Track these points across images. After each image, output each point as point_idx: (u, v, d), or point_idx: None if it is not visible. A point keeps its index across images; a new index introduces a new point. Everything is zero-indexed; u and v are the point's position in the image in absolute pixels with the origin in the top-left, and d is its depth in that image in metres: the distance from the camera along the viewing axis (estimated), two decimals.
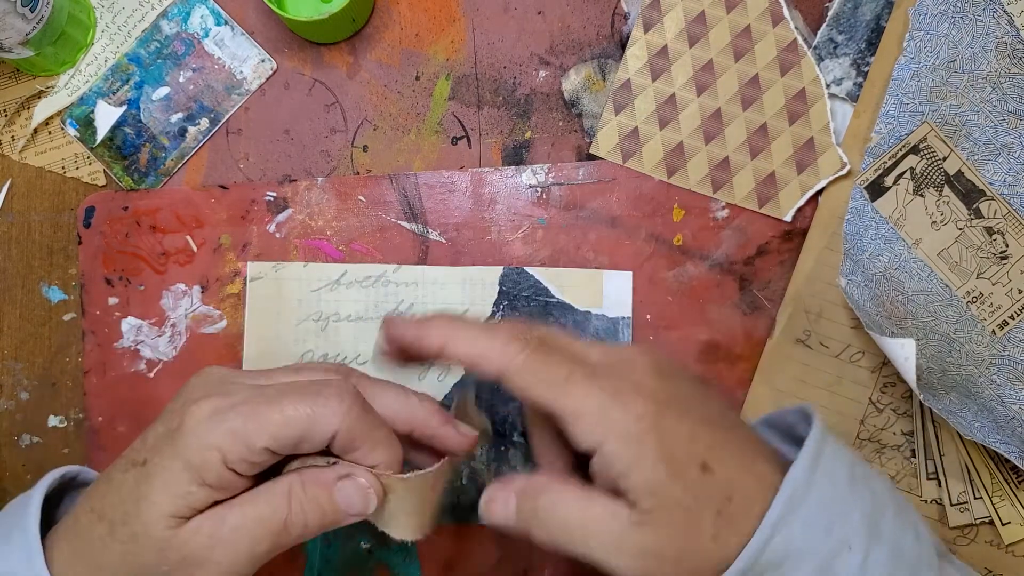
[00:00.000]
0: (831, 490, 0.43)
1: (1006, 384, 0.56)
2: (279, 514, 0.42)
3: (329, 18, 0.57)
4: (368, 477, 0.44)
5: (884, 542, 0.42)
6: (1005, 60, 0.56)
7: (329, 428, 0.42)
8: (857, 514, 0.42)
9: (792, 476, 0.42)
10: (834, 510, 0.42)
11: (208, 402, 0.42)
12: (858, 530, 0.42)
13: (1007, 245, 0.57)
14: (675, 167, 0.60)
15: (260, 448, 0.41)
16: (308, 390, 0.43)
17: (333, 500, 0.43)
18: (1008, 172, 0.56)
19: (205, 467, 0.41)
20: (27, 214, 0.63)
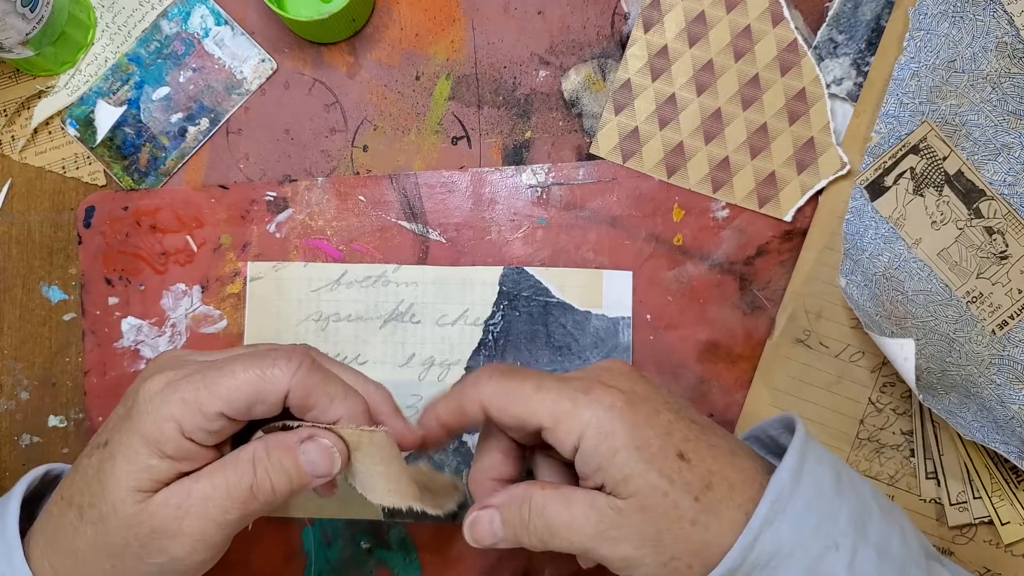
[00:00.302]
0: (817, 491, 0.43)
1: (1006, 384, 0.56)
2: (245, 480, 0.42)
3: (329, 18, 0.57)
4: (330, 437, 0.44)
5: (871, 542, 0.43)
6: (1005, 60, 0.56)
7: (280, 386, 0.43)
8: (844, 515, 0.43)
9: (779, 475, 0.43)
10: (821, 510, 0.42)
11: (161, 376, 0.43)
12: (845, 530, 0.42)
13: (1007, 245, 0.57)
14: (675, 167, 0.60)
15: (214, 413, 0.42)
16: (257, 354, 0.44)
17: (298, 463, 0.44)
18: (1008, 172, 0.56)
19: (163, 438, 0.42)
20: (27, 214, 0.63)
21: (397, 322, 0.60)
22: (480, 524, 0.46)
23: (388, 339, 0.60)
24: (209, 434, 0.43)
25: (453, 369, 0.60)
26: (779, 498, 0.42)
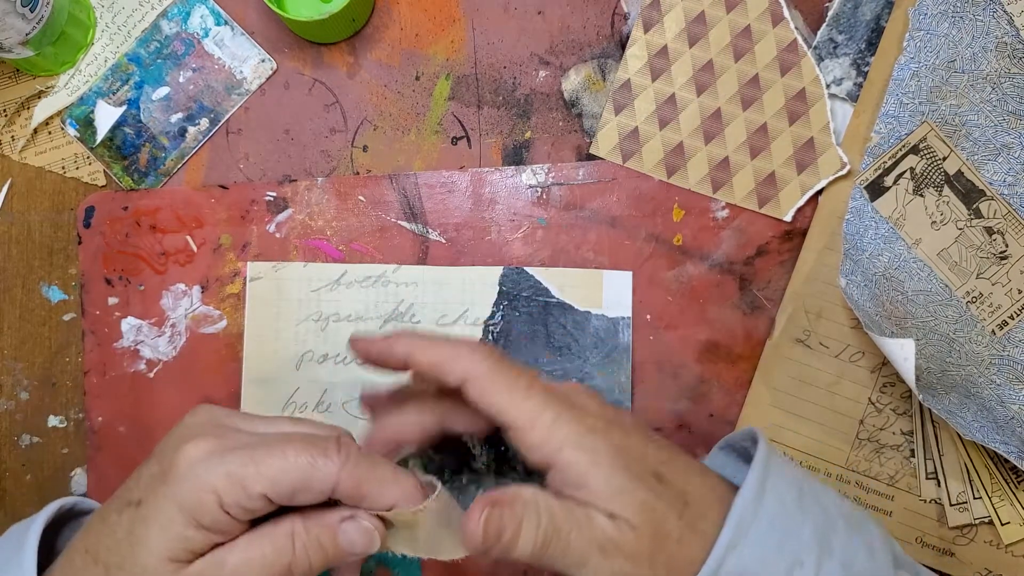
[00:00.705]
0: (780, 508, 0.43)
1: (1006, 384, 0.56)
2: (283, 557, 0.41)
3: (329, 18, 0.57)
4: (370, 518, 0.43)
5: (835, 557, 0.43)
6: (1005, 60, 0.56)
7: (328, 480, 0.41)
8: (808, 530, 0.43)
9: (741, 499, 0.42)
10: (784, 528, 0.42)
11: (204, 442, 0.42)
12: (809, 546, 0.42)
13: (1007, 245, 0.57)
14: (675, 167, 0.60)
15: (257, 494, 0.40)
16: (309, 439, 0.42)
17: (337, 542, 0.43)
18: (1008, 172, 0.56)
19: (201, 509, 0.40)
20: (27, 214, 0.63)
21: (397, 322, 0.60)
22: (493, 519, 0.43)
23: None
24: (246, 511, 0.41)
25: None
26: (741, 521, 0.42)
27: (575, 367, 0.59)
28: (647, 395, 0.60)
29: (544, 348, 0.60)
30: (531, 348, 0.60)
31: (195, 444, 0.41)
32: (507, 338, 0.60)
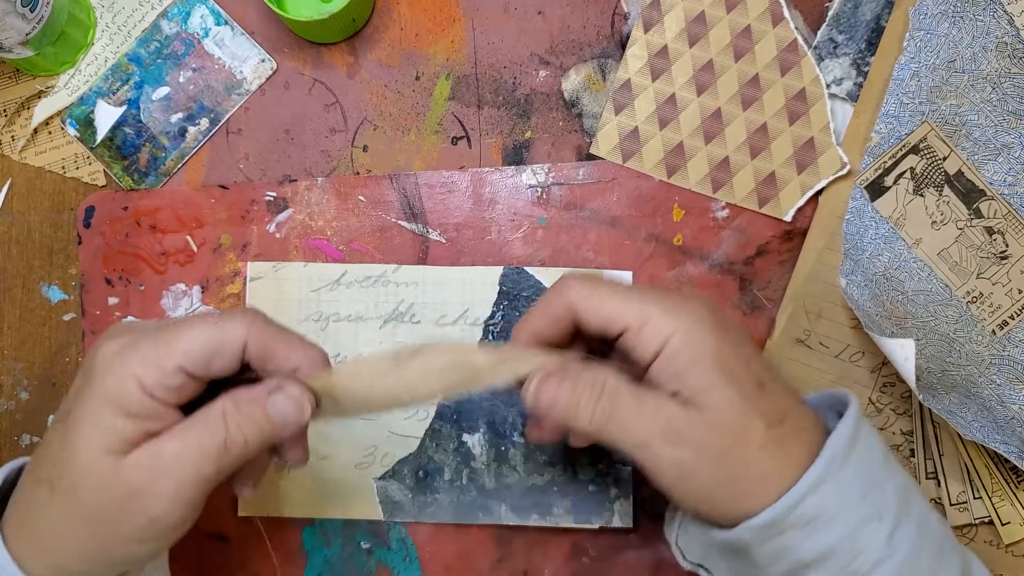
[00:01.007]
0: (869, 460, 0.44)
1: (1006, 384, 0.56)
2: (217, 436, 0.42)
3: (329, 18, 0.57)
4: (298, 386, 0.44)
5: (912, 519, 0.43)
6: (1005, 60, 0.56)
7: (237, 337, 0.43)
8: (891, 488, 0.43)
9: (836, 438, 0.43)
10: (870, 479, 0.43)
11: (115, 341, 0.43)
12: (890, 503, 0.43)
13: (1007, 245, 0.57)
14: (675, 167, 0.60)
15: (173, 368, 0.42)
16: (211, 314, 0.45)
17: (268, 415, 0.43)
18: (1008, 172, 0.56)
19: (125, 396, 0.41)
20: (27, 214, 0.63)
21: (397, 322, 0.60)
22: (548, 386, 0.44)
23: (388, 339, 0.60)
24: (170, 390, 0.42)
25: None
26: (832, 462, 0.42)
27: None
28: None
29: None
30: None
31: (109, 343, 0.43)
32: (507, 338, 0.60)
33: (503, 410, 0.60)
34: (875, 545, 0.42)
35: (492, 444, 0.60)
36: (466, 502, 0.60)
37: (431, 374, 0.46)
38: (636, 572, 0.60)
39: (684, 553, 0.49)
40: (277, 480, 0.60)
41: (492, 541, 0.60)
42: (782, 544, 0.42)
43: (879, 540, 0.42)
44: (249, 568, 0.61)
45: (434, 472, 0.60)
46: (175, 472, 0.42)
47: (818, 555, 0.42)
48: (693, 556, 0.49)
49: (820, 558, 0.42)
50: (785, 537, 0.42)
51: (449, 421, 0.60)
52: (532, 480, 0.59)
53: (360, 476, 0.60)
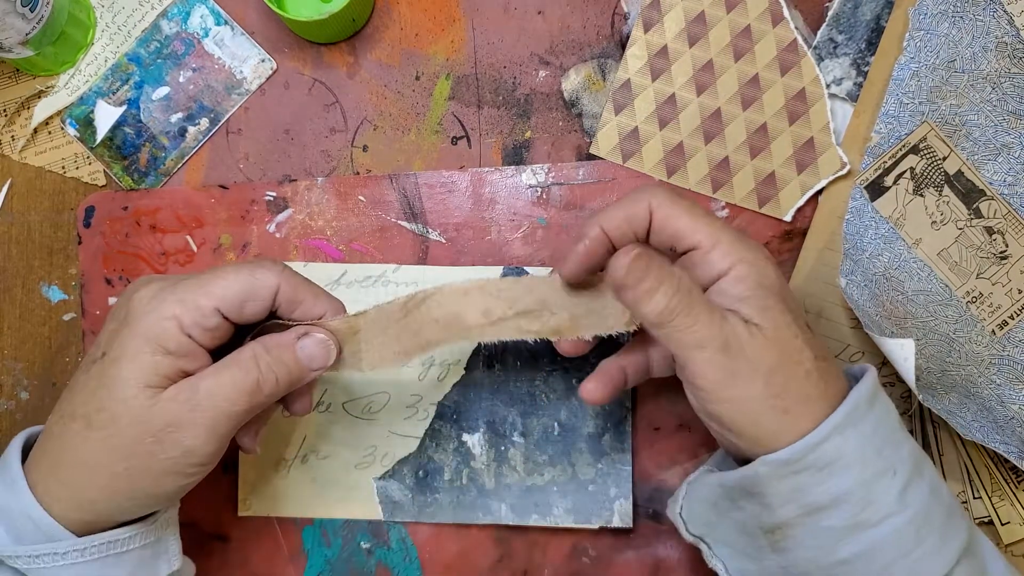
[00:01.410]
0: (887, 419, 0.45)
1: (1006, 384, 0.56)
2: (251, 376, 0.46)
3: (329, 18, 0.57)
4: (324, 331, 0.49)
5: (925, 480, 0.44)
6: (1005, 60, 0.56)
7: (270, 283, 0.47)
8: (907, 447, 0.45)
9: (859, 390, 0.44)
10: (887, 437, 0.44)
11: (152, 286, 0.47)
12: (905, 461, 0.44)
13: (1007, 245, 0.57)
14: (675, 167, 0.60)
15: (211, 309, 0.46)
16: (243, 262, 0.49)
17: (296, 358, 0.48)
18: (1008, 172, 0.56)
19: (164, 335, 0.45)
20: (27, 214, 0.63)
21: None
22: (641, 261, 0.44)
23: None
24: (205, 331, 0.46)
25: (453, 369, 0.60)
26: (855, 410, 0.44)
27: (575, 367, 0.60)
28: (647, 395, 0.60)
29: (544, 347, 0.60)
30: (531, 348, 0.60)
31: (144, 289, 0.47)
32: None
33: (503, 410, 0.60)
34: (887, 498, 0.43)
35: (492, 444, 0.60)
36: (466, 502, 0.60)
37: (427, 325, 0.51)
38: (636, 572, 0.60)
39: (687, 525, 0.50)
40: (277, 480, 0.60)
41: (492, 541, 0.60)
42: (798, 483, 0.43)
43: (891, 494, 0.43)
44: (249, 568, 0.61)
45: (434, 472, 0.60)
46: (211, 406, 0.45)
47: (831, 499, 0.43)
48: (695, 528, 0.50)
49: (832, 503, 0.43)
50: (802, 477, 0.43)
51: (449, 421, 0.60)
52: (532, 480, 0.59)
53: (360, 476, 0.60)
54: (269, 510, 0.60)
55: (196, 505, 0.60)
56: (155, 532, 0.49)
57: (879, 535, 0.43)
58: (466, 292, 0.51)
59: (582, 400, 0.52)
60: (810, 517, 0.44)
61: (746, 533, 0.47)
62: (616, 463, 0.59)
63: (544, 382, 0.60)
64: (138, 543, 0.48)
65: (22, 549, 0.45)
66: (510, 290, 0.51)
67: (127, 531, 0.47)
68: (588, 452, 0.59)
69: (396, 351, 0.51)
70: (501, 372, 0.60)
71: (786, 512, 0.44)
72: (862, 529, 0.43)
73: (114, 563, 0.47)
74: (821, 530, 0.43)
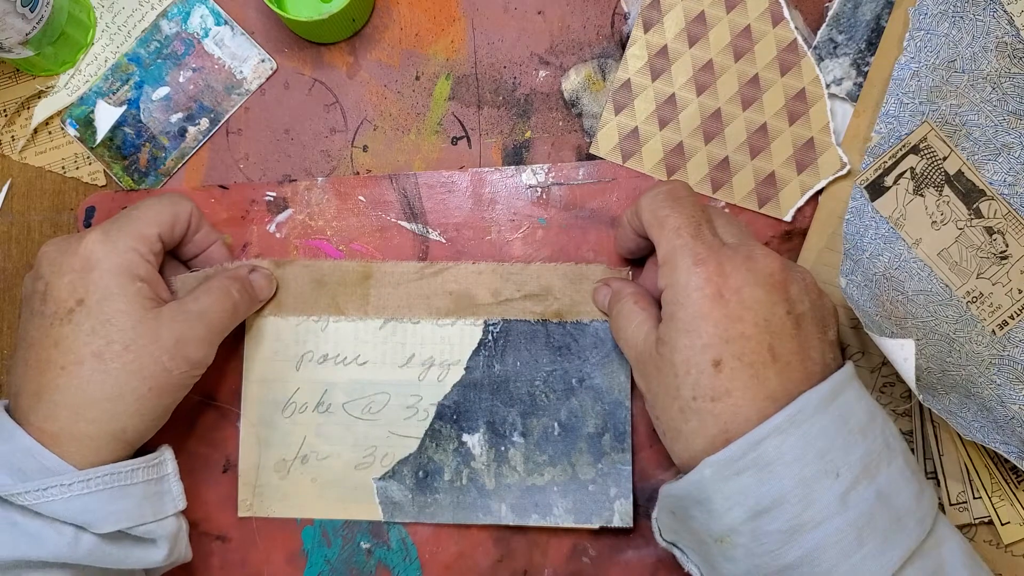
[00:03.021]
0: (840, 423, 0.45)
1: (1006, 384, 0.56)
2: (229, 299, 0.55)
3: (329, 18, 0.57)
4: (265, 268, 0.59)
5: (876, 483, 0.45)
6: (1005, 60, 0.56)
7: (188, 209, 0.55)
8: (859, 452, 0.45)
9: (808, 397, 0.45)
10: (835, 440, 0.45)
11: (94, 233, 0.51)
12: (853, 464, 0.45)
13: (1007, 245, 0.57)
14: (675, 167, 0.60)
15: (154, 236, 0.52)
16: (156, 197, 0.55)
17: (252, 287, 0.57)
18: (1008, 172, 0.56)
19: (134, 265, 0.51)
20: (27, 214, 0.63)
21: (397, 322, 0.60)
22: (597, 294, 0.58)
23: (388, 339, 0.60)
24: (155, 256, 0.53)
25: (453, 369, 0.60)
26: (798, 415, 0.44)
27: (575, 367, 0.59)
28: None
29: (544, 347, 0.60)
30: (531, 347, 0.60)
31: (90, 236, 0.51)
32: (507, 338, 0.60)
33: (503, 410, 0.60)
34: (826, 499, 0.43)
35: (492, 444, 0.60)
36: (466, 502, 0.60)
37: (439, 295, 0.59)
38: (636, 572, 0.60)
39: (661, 531, 0.52)
40: (277, 481, 0.60)
41: (492, 541, 0.60)
42: (741, 485, 0.44)
43: (831, 495, 0.43)
44: (249, 568, 0.61)
45: (434, 472, 0.60)
46: (205, 322, 0.53)
47: (772, 500, 0.44)
48: (668, 534, 0.51)
49: (774, 504, 0.44)
50: (744, 478, 0.44)
51: (449, 421, 0.60)
52: (532, 480, 0.59)
53: (360, 477, 0.60)
54: (269, 511, 0.60)
55: (196, 505, 0.60)
56: (157, 470, 0.53)
57: (819, 537, 0.43)
58: (480, 272, 0.59)
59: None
60: (754, 521, 0.44)
61: (700, 541, 0.48)
62: (616, 463, 0.59)
63: (544, 382, 0.60)
64: (141, 477, 0.51)
65: (30, 485, 0.47)
66: (519, 274, 0.59)
67: (131, 463, 0.51)
68: (588, 452, 0.59)
69: (401, 306, 0.59)
70: (501, 372, 0.60)
71: (731, 517, 0.45)
72: (804, 531, 0.43)
73: (120, 495, 0.50)
74: (765, 534, 0.44)
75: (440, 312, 0.59)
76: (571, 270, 0.59)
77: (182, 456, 0.56)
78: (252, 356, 0.61)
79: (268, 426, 0.60)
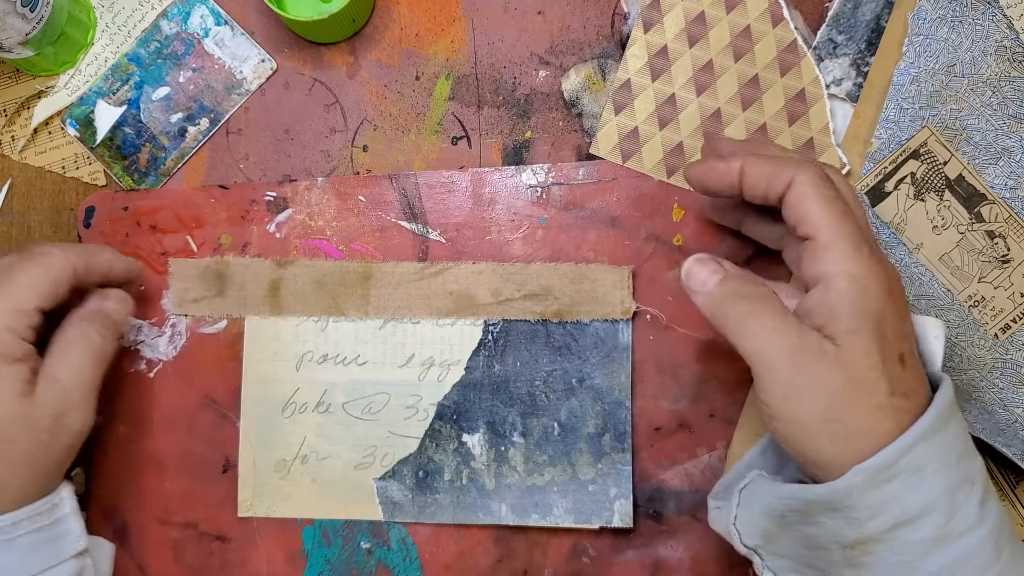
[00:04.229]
0: (962, 431, 0.44)
1: (1008, 388, 0.56)
2: (94, 345, 0.51)
3: (329, 18, 0.57)
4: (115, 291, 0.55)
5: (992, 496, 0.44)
6: (1005, 63, 0.56)
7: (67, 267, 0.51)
8: (979, 461, 0.44)
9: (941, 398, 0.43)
10: (964, 447, 0.43)
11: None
12: (980, 472, 0.43)
13: (1008, 249, 0.56)
14: (675, 167, 0.60)
15: (32, 309, 0.49)
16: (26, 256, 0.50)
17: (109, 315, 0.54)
18: (1009, 176, 0.56)
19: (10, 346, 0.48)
20: (27, 214, 0.63)
21: (397, 322, 0.60)
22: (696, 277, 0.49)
23: (388, 339, 0.60)
24: (32, 329, 0.49)
25: (453, 369, 0.60)
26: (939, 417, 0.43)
27: (575, 367, 0.59)
28: (647, 395, 0.60)
29: (544, 347, 0.60)
30: (531, 347, 0.60)
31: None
32: (507, 338, 0.60)
33: (503, 410, 0.60)
34: (969, 508, 0.42)
35: (492, 444, 0.60)
36: (466, 502, 0.60)
37: (440, 295, 0.59)
38: (636, 572, 0.60)
39: (741, 536, 0.48)
40: (277, 481, 0.60)
41: (492, 541, 0.60)
42: (890, 493, 0.42)
43: (972, 503, 0.42)
44: (249, 568, 0.61)
45: (434, 472, 0.60)
46: (79, 385, 0.50)
47: (921, 509, 0.41)
48: (751, 539, 0.48)
49: (921, 513, 0.41)
50: (894, 485, 0.42)
51: (449, 421, 0.60)
52: (532, 480, 0.59)
53: (360, 476, 0.60)
54: (269, 511, 0.60)
55: (196, 505, 0.61)
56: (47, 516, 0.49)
57: (962, 548, 0.41)
58: (480, 272, 0.59)
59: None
60: (899, 530, 0.42)
61: (817, 547, 0.45)
62: (616, 463, 0.59)
63: (544, 382, 0.60)
64: (26, 528, 0.48)
65: None
66: (519, 274, 0.59)
67: (11, 516, 0.47)
68: (588, 452, 0.59)
69: (401, 306, 0.59)
70: (501, 372, 0.60)
71: (874, 526, 0.42)
72: (948, 542, 0.41)
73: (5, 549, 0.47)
74: (907, 543, 0.42)
75: (440, 312, 0.59)
76: (571, 270, 0.59)
77: (182, 456, 0.56)
78: (252, 356, 0.61)
79: (268, 426, 0.60)
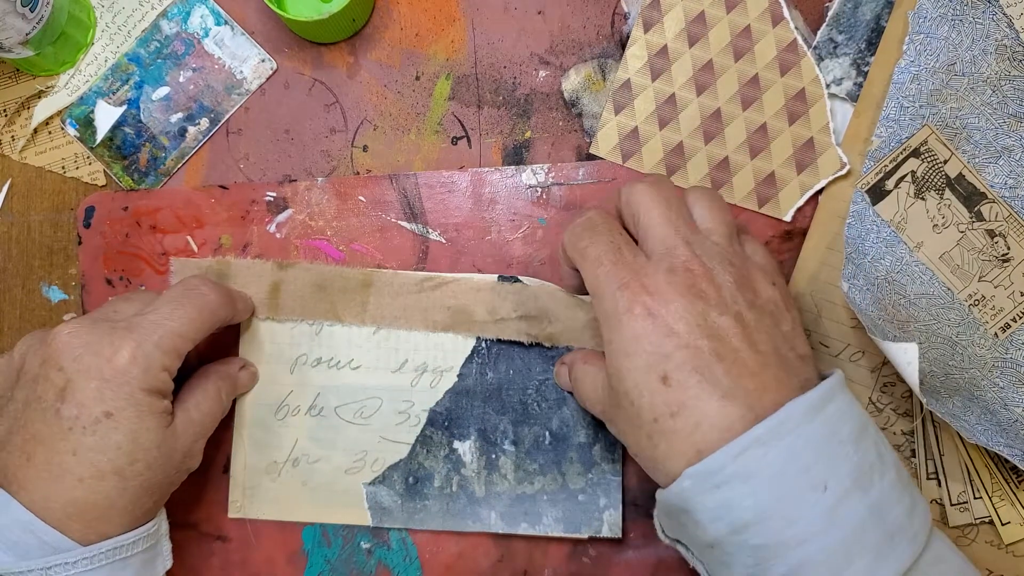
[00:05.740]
0: (828, 434, 0.43)
1: (1009, 387, 0.56)
2: (220, 404, 0.57)
3: (329, 18, 0.57)
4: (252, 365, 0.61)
5: (868, 498, 0.43)
6: (1005, 63, 0.56)
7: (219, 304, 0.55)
8: (848, 466, 0.43)
9: (790, 408, 0.43)
10: (822, 453, 0.43)
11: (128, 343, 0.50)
12: (842, 478, 0.42)
13: (1009, 248, 0.56)
14: (675, 167, 0.60)
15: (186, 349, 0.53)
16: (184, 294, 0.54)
17: (237, 385, 0.59)
18: (1009, 175, 0.56)
19: (163, 387, 0.52)
20: (27, 214, 0.63)
21: (391, 328, 0.60)
22: (559, 376, 0.58)
23: (381, 344, 0.60)
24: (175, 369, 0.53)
25: (446, 376, 0.60)
26: (781, 427, 0.42)
27: None
28: None
29: (537, 357, 0.60)
30: (524, 356, 0.60)
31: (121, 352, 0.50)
32: (500, 346, 0.60)
33: (494, 418, 0.60)
34: (812, 515, 0.42)
35: (483, 452, 0.60)
36: (456, 509, 0.59)
37: (438, 309, 0.59)
38: (636, 572, 0.60)
39: (663, 529, 0.50)
40: (268, 483, 0.60)
41: (492, 541, 0.60)
42: (723, 498, 0.42)
43: (817, 511, 0.42)
44: (249, 568, 0.61)
45: (424, 479, 0.60)
46: (202, 432, 0.55)
47: (755, 515, 0.42)
48: (670, 532, 0.50)
49: (757, 519, 0.42)
50: (725, 491, 0.42)
51: (440, 428, 0.60)
52: (522, 488, 0.59)
53: (350, 481, 0.60)
54: (259, 513, 0.60)
55: (196, 506, 0.61)
56: (154, 536, 0.53)
57: (805, 554, 0.42)
58: (478, 289, 0.59)
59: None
60: (738, 535, 0.43)
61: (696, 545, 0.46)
62: (606, 473, 0.59)
63: (536, 391, 0.60)
64: (141, 547, 0.52)
65: (33, 563, 0.47)
66: (518, 294, 0.59)
67: (133, 535, 0.51)
68: (578, 462, 0.59)
69: (398, 317, 0.60)
70: (493, 380, 0.60)
71: (715, 529, 0.43)
72: (788, 548, 0.42)
73: (121, 567, 0.50)
74: (749, 548, 0.43)
75: (436, 326, 0.59)
76: (570, 299, 0.58)
77: None
78: (247, 358, 0.61)
79: (261, 428, 0.60)
